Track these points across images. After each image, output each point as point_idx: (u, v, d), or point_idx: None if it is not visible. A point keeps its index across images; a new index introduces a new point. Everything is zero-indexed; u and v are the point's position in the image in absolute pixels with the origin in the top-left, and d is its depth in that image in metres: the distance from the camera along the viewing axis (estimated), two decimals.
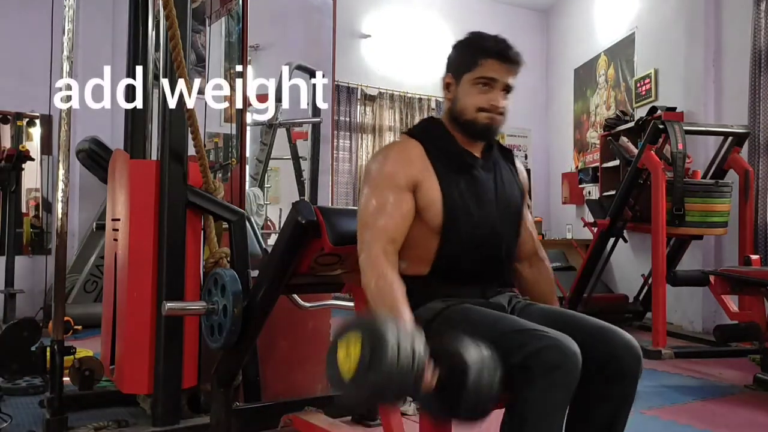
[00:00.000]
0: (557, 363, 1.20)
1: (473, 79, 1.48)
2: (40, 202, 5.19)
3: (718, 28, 4.73)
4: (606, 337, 1.37)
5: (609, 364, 1.34)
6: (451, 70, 1.54)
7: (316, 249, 1.63)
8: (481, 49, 1.48)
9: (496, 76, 1.47)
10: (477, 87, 1.48)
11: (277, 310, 1.83)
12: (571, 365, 1.22)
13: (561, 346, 1.22)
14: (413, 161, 1.48)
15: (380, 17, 6.73)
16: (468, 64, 1.49)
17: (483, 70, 1.47)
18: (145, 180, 2.17)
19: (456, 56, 1.54)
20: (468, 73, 1.49)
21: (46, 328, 2.49)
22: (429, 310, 1.46)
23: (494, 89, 1.48)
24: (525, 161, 7.41)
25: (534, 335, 1.26)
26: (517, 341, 1.25)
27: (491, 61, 1.47)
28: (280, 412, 2.12)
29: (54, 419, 2.13)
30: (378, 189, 1.46)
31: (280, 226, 5.21)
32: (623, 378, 1.36)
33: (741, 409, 2.78)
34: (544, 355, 1.21)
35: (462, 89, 1.51)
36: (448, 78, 1.54)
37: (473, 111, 1.49)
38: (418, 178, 1.46)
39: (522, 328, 1.31)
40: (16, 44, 4.97)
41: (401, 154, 1.50)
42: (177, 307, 1.85)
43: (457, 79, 1.52)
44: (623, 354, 1.35)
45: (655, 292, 3.81)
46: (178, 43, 2.04)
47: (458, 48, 1.55)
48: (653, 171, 3.89)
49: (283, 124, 5.15)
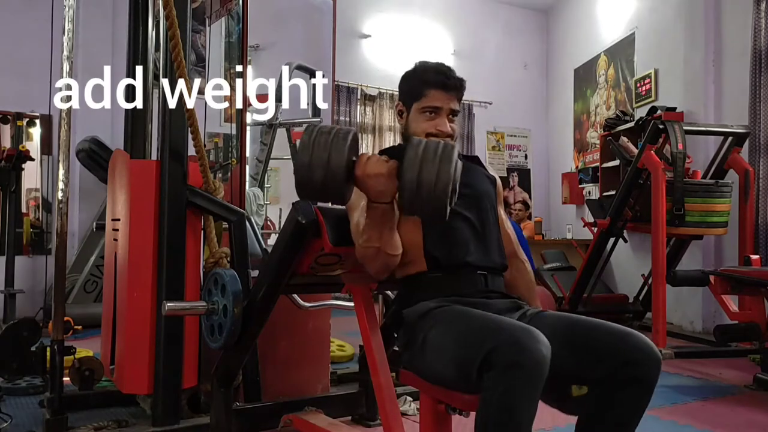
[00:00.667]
0: (516, 360, 1.19)
1: (420, 108, 1.63)
2: (40, 202, 5.19)
3: (718, 28, 4.73)
4: (625, 340, 1.37)
5: (626, 367, 1.34)
6: (402, 99, 1.68)
7: (316, 249, 1.63)
8: (425, 81, 1.62)
9: (439, 104, 1.62)
10: (424, 115, 1.63)
11: (277, 310, 1.83)
12: (531, 363, 1.19)
13: (519, 343, 1.21)
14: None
15: (380, 17, 6.74)
16: (415, 94, 1.64)
17: (428, 100, 1.62)
18: (145, 180, 2.17)
19: (405, 87, 1.68)
20: (416, 103, 1.64)
21: (46, 328, 2.49)
22: (421, 308, 1.50)
23: (440, 115, 1.62)
24: (525, 161, 7.42)
25: (494, 332, 1.26)
26: (479, 338, 1.26)
27: (435, 91, 1.61)
28: (280, 412, 2.12)
29: (54, 419, 2.13)
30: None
31: (280, 226, 5.21)
32: (640, 383, 1.35)
33: (741, 409, 2.78)
34: (502, 352, 1.21)
35: (412, 117, 1.65)
36: (399, 106, 1.69)
37: (422, 136, 1.59)
38: None
39: (487, 325, 1.32)
40: (16, 44, 4.98)
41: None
42: (177, 307, 1.85)
43: (407, 108, 1.66)
44: (642, 358, 1.35)
45: (655, 292, 3.81)
46: (178, 43, 2.04)
47: (406, 79, 1.68)
48: (653, 171, 3.89)
49: (283, 124, 5.15)
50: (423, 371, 1.45)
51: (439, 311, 1.46)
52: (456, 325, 1.39)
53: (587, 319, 1.47)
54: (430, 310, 1.47)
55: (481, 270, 1.57)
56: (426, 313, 1.47)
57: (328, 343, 2.68)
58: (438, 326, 1.41)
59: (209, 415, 2.10)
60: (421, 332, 1.44)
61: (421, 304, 1.51)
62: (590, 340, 1.38)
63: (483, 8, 7.26)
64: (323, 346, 2.63)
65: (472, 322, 1.36)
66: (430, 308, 1.48)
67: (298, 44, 5.82)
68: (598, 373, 1.36)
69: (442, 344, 1.38)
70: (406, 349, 1.50)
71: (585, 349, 1.38)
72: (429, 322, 1.44)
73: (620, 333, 1.39)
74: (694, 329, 4.70)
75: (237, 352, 1.88)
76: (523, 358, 1.19)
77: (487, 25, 7.23)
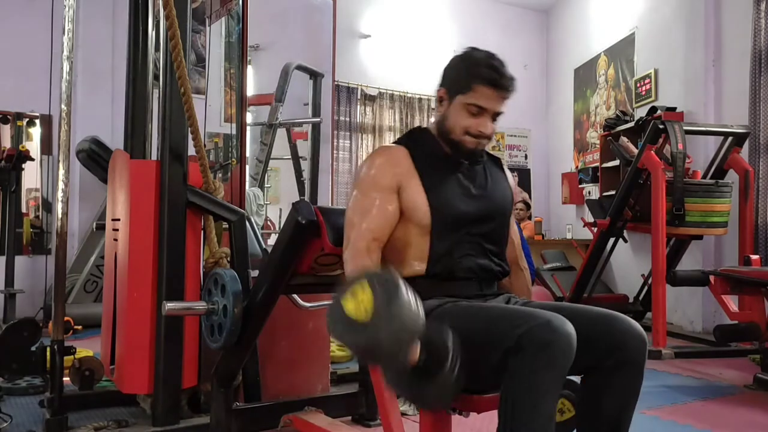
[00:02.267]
0: (549, 340, 1.21)
1: (466, 103, 1.50)
2: (40, 202, 5.19)
3: (718, 28, 4.73)
4: (609, 324, 1.38)
5: (614, 352, 1.36)
6: (446, 86, 1.56)
7: (316, 249, 1.63)
8: (477, 75, 1.48)
9: (487, 105, 1.50)
10: (468, 111, 1.51)
11: (277, 310, 1.83)
12: (564, 343, 1.22)
13: (552, 324, 1.23)
14: (398, 164, 1.53)
15: (380, 17, 6.73)
16: (462, 86, 1.50)
17: (476, 96, 1.49)
18: (145, 180, 2.17)
19: (452, 74, 1.55)
20: (461, 95, 1.51)
21: (46, 328, 2.50)
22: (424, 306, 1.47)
23: (484, 115, 1.51)
24: (525, 161, 7.42)
25: (526, 316, 1.27)
26: (510, 324, 1.27)
27: (485, 89, 1.48)
28: (280, 412, 2.12)
29: (54, 419, 2.13)
30: (364, 191, 1.52)
31: (280, 226, 5.21)
32: (629, 366, 1.37)
33: (741, 409, 2.78)
34: (536, 333, 1.22)
35: (453, 108, 1.53)
36: (441, 92, 1.57)
37: (460, 133, 1.52)
38: (402, 180, 1.51)
39: (514, 312, 1.33)
40: (16, 44, 4.97)
41: (386, 157, 1.56)
42: (177, 307, 1.85)
43: (450, 97, 1.54)
44: (627, 340, 1.36)
45: (655, 292, 3.81)
46: (178, 43, 2.04)
47: (455, 65, 1.55)
48: (653, 171, 3.89)
49: (283, 124, 5.15)
50: None
51: (445, 309, 1.45)
52: (473, 317, 1.38)
53: (570, 306, 1.48)
54: (433, 309, 1.46)
55: (477, 277, 1.56)
56: (429, 312, 1.44)
57: (328, 343, 2.68)
58: (450, 322, 1.38)
59: (209, 415, 2.10)
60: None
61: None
62: (579, 328, 1.33)
63: (483, 8, 7.26)
64: (323, 346, 2.63)
65: (495, 313, 1.37)
66: (433, 307, 1.47)
67: (298, 44, 5.82)
68: (587, 361, 1.37)
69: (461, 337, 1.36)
70: None
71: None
72: (437, 320, 1.41)
73: (604, 318, 1.40)
74: (694, 329, 4.69)
75: (237, 352, 1.89)
76: (555, 337, 1.21)
77: (487, 25, 7.23)
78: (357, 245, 1.47)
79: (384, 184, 1.51)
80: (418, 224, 1.51)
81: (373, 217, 1.49)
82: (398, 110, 6.80)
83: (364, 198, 1.52)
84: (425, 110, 6.93)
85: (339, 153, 6.46)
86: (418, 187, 1.51)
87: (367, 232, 1.48)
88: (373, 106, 6.66)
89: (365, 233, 1.48)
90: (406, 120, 6.83)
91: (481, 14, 7.24)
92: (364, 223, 1.48)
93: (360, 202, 1.52)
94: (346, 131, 6.51)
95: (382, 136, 6.72)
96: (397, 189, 1.51)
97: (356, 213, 1.51)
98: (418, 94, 6.87)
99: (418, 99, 6.88)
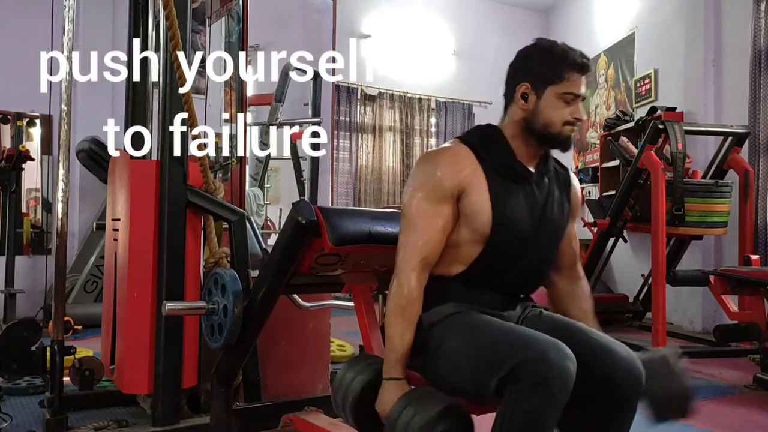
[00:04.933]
0: (545, 377, 1.17)
1: (560, 93, 1.45)
2: (40, 202, 5.19)
3: (718, 28, 4.73)
4: (606, 358, 1.34)
5: (606, 388, 1.32)
6: (530, 80, 1.47)
7: (316, 249, 1.63)
8: (569, 63, 1.44)
9: (580, 91, 1.46)
10: (562, 101, 1.45)
11: (277, 310, 1.83)
12: (559, 380, 1.18)
13: (547, 359, 1.19)
14: (463, 168, 1.45)
15: (380, 17, 6.73)
16: (553, 76, 1.45)
17: (570, 84, 1.45)
18: (145, 180, 2.17)
19: (537, 66, 1.47)
20: (553, 86, 1.45)
21: (46, 328, 2.49)
22: (436, 313, 1.45)
23: (576, 102, 1.47)
24: None
25: (521, 345, 1.24)
26: (506, 351, 1.24)
27: (576, 75, 1.45)
28: (280, 412, 2.12)
29: (54, 419, 2.13)
30: (424, 195, 1.45)
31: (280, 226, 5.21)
32: (620, 408, 1.34)
33: (741, 409, 2.78)
34: (529, 367, 1.19)
35: (546, 101, 1.45)
36: (524, 87, 1.47)
37: (560, 125, 1.46)
38: (466, 185, 1.44)
39: (512, 336, 1.29)
40: (16, 44, 4.97)
41: (451, 159, 1.47)
42: (177, 307, 1.85)
43: (538, 91, 1.46)
44: (622, 379, 1.32)
45: (655, 292, 3.81)
46: (178, 43, 2.04)
47: (539, 58, 1.48)
48: (653, 171, 3.89)
49: (283, 124, 5.15)
50: (434, 378, 1.42)
51: (455, 318, 1.42)
52: (475, 335, 1.35)
53: (579, 330, 1.44)
54: (445, 317, 1.43)
55: (508, 294, 1.52)
56: (440, 320, 1.43)
57: (328, 343, 2.67)
58: (455, 335, 1.37)
59: (209, 415, 2.09)
60: (435, 339, 1.41)
61: (436, 310, 1.45)
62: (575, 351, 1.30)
63: (483, 8, 7.26)
64: (323, 346, 2.62)
65: (494, 333, 1.33)
66: (446, 315, 1.44)
67: (298, 44, 5.82)
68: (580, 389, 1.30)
69: (459, 354, 1.35)
70: (417, 354, 1.44)
71: None
72: (444, 330, 1.41)
73: (603, 349, 1.36)
74: (694, 329, 4.69)
75: (237, 352, 1.88)
76: (552, 375, 1.17)
77: (487, 25, 7.23)
78: (410, 263, 1.43)
79: (445, 187, 1.43)
80: (475, 230, 1.44)
81: (428, 228, 1.43)
82: (398, 110, 6.80)
83: (423, 202, 1.44)
84: (425, 110, 6.94)
85: (339, 153, 6.46)
86: (483, 194, 1.44)
87: (419, 252, 1.43)
88: (373, 106, 6.66)
89: (420, 249, 1.43)
90: (406, 120, 6.83)
91: (481, 14, 7.24)
92: (419, 234, 1.43)
93: (418, 205, 1.44)
94: (346, 131, 6.51)
95: (382, 136, 6.72)
96: (459, 194, 1.44)
97: (413, 217, 1.44)
98: (418, 94, 6.87)
99: (418, 99, 6.88)
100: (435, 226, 1.43)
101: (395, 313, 1.41)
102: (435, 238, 1.43)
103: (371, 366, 1.49)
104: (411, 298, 1.41)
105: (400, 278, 1.42)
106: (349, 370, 1.51)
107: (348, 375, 1.50)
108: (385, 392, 1.40)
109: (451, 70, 7.04)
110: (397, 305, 1.41)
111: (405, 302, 1.40)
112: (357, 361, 1.56)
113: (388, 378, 1.41)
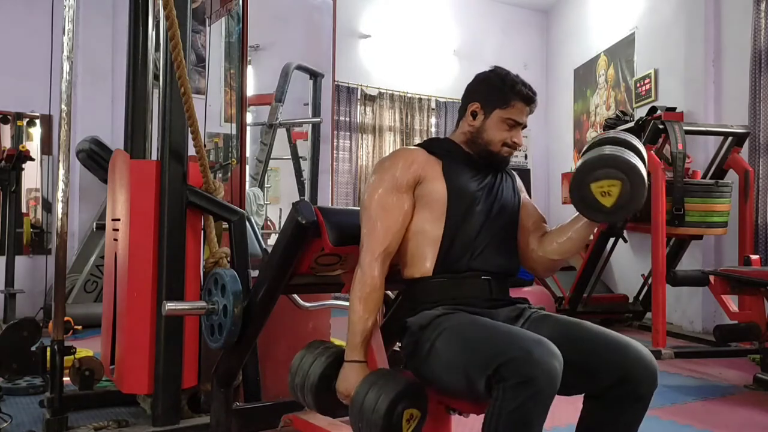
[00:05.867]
0: (530, 376, 1.18)
1: (504, 117, 1.61)
2: (40, 202, 5.19)
3: (718, 28, 4.73)
4: (623, 353, 1.37)
5: (623, 383, 1.35)
6: (480, 101, 1.63)
7: (316, 249, 1.63)
8: (516, 92, 1.60)
9: (521, 119, 1.62)
10: (505, 124, 1.61)
11: (277, 310, 1.83)
12: (544, 379, 1.19)
13: (532, 357, 1.20)
14: (416, 160, 1.58)
15: (380, 17, 6.73)
16: (501, 101, 1.60)
17: (514, 111, 1.61)
18: (145, 180, 2.17)
19: (487, 89, 1.63)
20: (500, 110, 1.61)
21: (46, 328, 2.50)
22: (423, 316, 1.48)
23: (517, 128, 1.63)
24: (525, 161, 7.42)
25: (506, 344, 1.25)
26: (492, 350, 1.25)
27: (521, 105, 1.61)
28: (280, 412, 2.12)
29: (54, 419, 2.13)
30: (384, 189, 1.55)
31: (280, 226, 5.22)
32: (637, 400, 1.36)
33: (741, 409, 2.78)
34: (514, 366, 1.20)
35: (491, 122, 1.62)
36: (475, 107, 1.64)
37: (499, 145, 1.62)
38: (421, 173, 1.56)
39: (498, 336, 1.31)
40: (16, 44, 4.97)
41: (406, 154, 1.61)
42: (177, 307, 1.85)
43: (486, 111, 1.62)
44: (640, 373, 1.35)
45: (655, 292, 3.81)
46: (178, 43, 2.04)
47: (492, 83, 1.63)
48: (653, 171, 3.88)
49: (283, 124, 5.16)
50: (429, 380, 1.43)
51: (444, 319, 1.44)
52: (463, 335, 1.37)
53: (588, 328, 1.46)
54: (434, 319, 1.45)
55: (486, 275, 1.55)
56: (429, 322, 1.45)
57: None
58: (444, 336, 1.39)
59: (209, 415, 2.10)
60: (427, 342, 1.42)
61: (424, 314, 1.49)
62: (589, 353, 1.37)
63: (483, 8, 7.26)
64: None
65: (481, 332, 1.35)
66: (434, 317, 1.46)
67: (298, 44, 5.82)
68: (596, 387, 1.37)
69: (450, 355, 1.36)
70: (411, 357, 1.48)
71: (584, 361, 1.36)
72: (434, 332, 1.42)
73: (619, 345, 1.38)
74: (694, 329, 4.69)
75: (237, 352, 1.88)
76: (536, 373, 1.18)
77: (487, 25, 7.23)
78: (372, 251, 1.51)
79: (401, 179, 1.55)
80: (432, 208, 1.54)
81: (388, 218, 1.53)
82: (398, 110, 6.80)
83: (381, 195, 1.54)
84: (425, 110, 6.94)
85: (339, 153, 6.46)
86: (438, 173, 1.57)
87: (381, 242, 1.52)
88: (373, 106, 6.66)
89: (380, 237, 1.52)
90: (406, 120, 6.83)
91: (481, 14, 7.24)
92: (380, 231, 1.52)
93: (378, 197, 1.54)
94: (346, 131, 6.51)
95: (382, 136, 6.72)
96: (416, 183, 1.56)
97: (374, 209, 1.53)
98: (418, 94, 6.87)
99: (418, 99, 6.88)
100: (394, 217, 1.53)
101: (359, 299, 1.49)
102: (395, 228, 1.53)
103: (329, 349, 1.61)
104: (374, 285, 1.49)
105: (364, 267, 1.50)
106: (308, 353, 1.62)
107: (307, 358, 1.61)
108: (347, 374, 1.47)
109: (451, 70, 7.04)
110: (361, 292, 1.49)
111: (369, 290, 1.49)
112: (315, 344, 1.66)
113: (350, 360, 1.48)
